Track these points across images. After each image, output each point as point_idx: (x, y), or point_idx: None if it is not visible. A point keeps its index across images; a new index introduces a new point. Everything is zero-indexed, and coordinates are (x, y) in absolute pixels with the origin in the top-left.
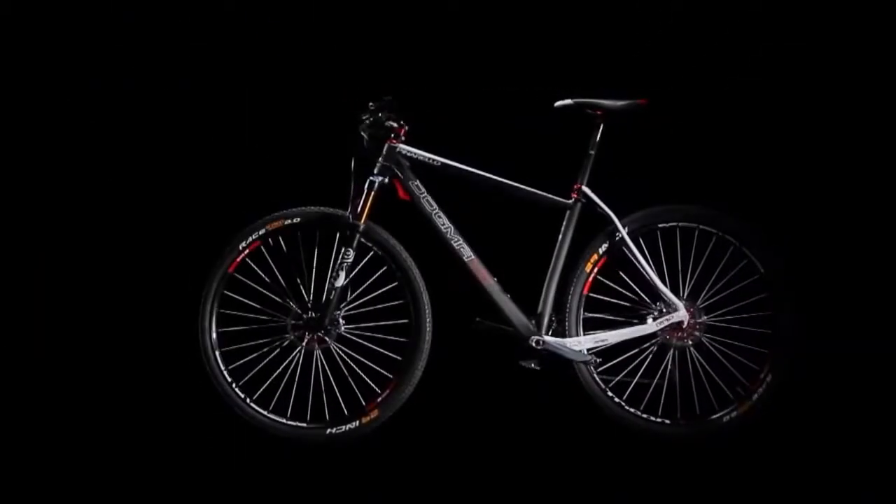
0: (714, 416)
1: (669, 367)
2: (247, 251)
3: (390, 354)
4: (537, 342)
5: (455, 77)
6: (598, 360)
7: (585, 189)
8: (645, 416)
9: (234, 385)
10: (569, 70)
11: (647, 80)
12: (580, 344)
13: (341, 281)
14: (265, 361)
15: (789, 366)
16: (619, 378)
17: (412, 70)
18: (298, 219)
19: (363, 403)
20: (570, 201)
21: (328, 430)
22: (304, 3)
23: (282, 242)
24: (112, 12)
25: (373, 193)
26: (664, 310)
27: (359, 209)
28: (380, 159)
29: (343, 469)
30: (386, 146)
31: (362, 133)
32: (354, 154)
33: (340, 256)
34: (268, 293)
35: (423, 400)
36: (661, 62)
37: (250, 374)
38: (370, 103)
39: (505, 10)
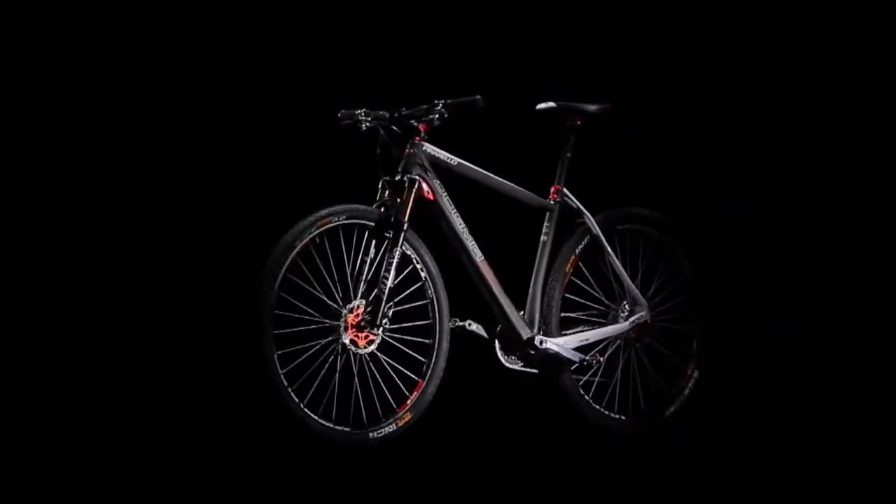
0: (657, 411)
1: (625, 364)
2: (298, 249)
3: (414, 355)
4: (540, 342)
5: (445, 76)
6: (601, 360)
7: (565, 190)
8: (606, 412)
9: (290, 389)
10: (548, 72)
11: (621, 82)
12: (569, 344)
13: (391, 281)
14: (316, 364)
15: (713, 362)
16: (587, 377)
17: (405, 69)
18: (345, 217)
19: (393, 405)
20: (552, 202)
21: (371, 434)
22: (297, 4)
23: (326, 241)
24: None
25: (413, 192)
26: (633, 309)
27: (401, 208)
28: (410, 157)
29: (365, 475)
30: (413, 143)
31: (391, 127)
32: (379, 149)
33: (387, 256)
34: (315, 292)
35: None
36: (634, 65)
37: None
38: (436, 101)
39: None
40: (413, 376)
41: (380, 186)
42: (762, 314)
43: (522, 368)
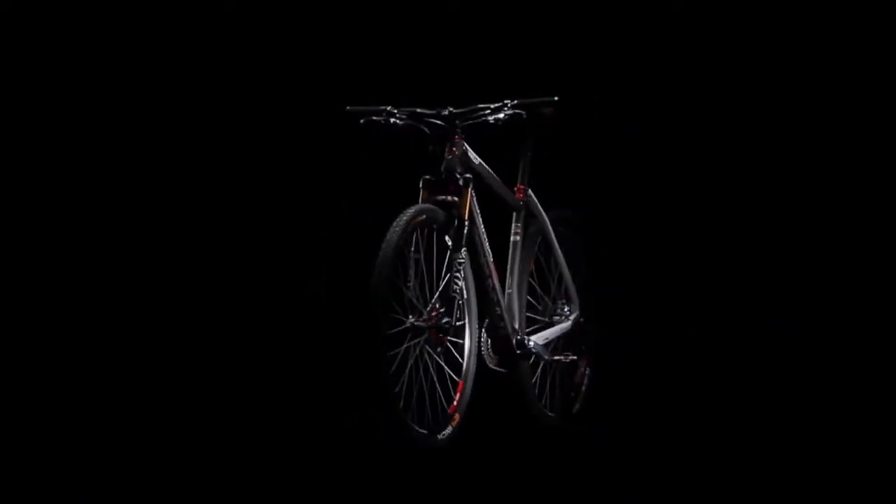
0: (567, 407)
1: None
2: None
3: (456, 356)
4: (526, 342)
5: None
6: (574, 358)
7: (529, 190)
8: (545, 410)
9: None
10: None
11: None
12: (539, 342)
13: (461, 282)
14: (408, 365)
15: (600, 360)
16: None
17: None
18: (424, 216)
19: (445, 406)
20: (521, 202)
21: (439, 436)
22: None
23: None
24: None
25: (469, 191)
26: (570, 307)
27: (461, 207)
28: (455, 155)
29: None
30: (455, 142)
31: (441, 124)
32: (431, 147)
33: (456, 257)
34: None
35: None
36: (633, 65)
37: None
38: (506, 101)
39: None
40: (454, 377)
41: (421, 186)
42: (763, 313)
43: (497, 368)
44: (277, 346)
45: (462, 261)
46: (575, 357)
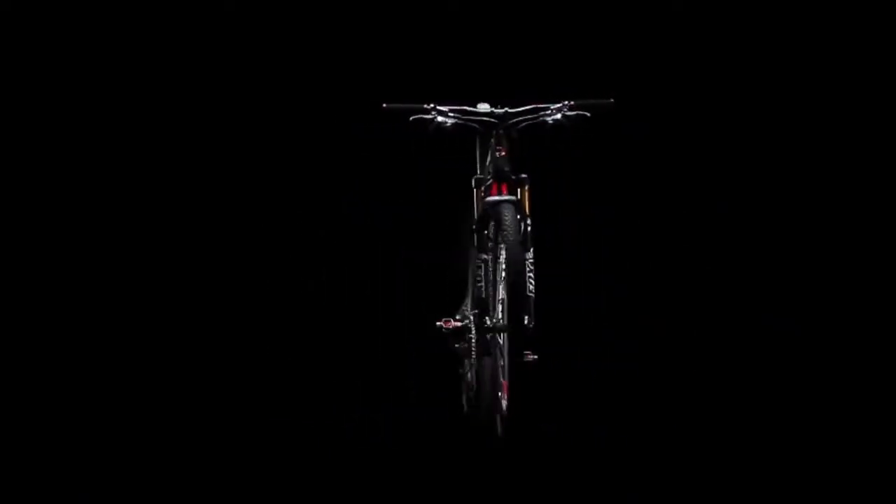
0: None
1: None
2: None
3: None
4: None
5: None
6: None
7: None
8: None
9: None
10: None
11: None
12: None
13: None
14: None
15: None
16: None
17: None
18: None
19: None
20: None
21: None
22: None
23: None
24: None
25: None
26: None
27: (521, 206)
28: (505, 154)
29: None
30: (506, 143)
31: (493, 121)
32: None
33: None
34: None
35: None
36: (633, 65)
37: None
38: (565, 101)
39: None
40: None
41: (473, 185)
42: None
43: None
44: (277, 346)
45: (532, 260)
46: (536, 357)
